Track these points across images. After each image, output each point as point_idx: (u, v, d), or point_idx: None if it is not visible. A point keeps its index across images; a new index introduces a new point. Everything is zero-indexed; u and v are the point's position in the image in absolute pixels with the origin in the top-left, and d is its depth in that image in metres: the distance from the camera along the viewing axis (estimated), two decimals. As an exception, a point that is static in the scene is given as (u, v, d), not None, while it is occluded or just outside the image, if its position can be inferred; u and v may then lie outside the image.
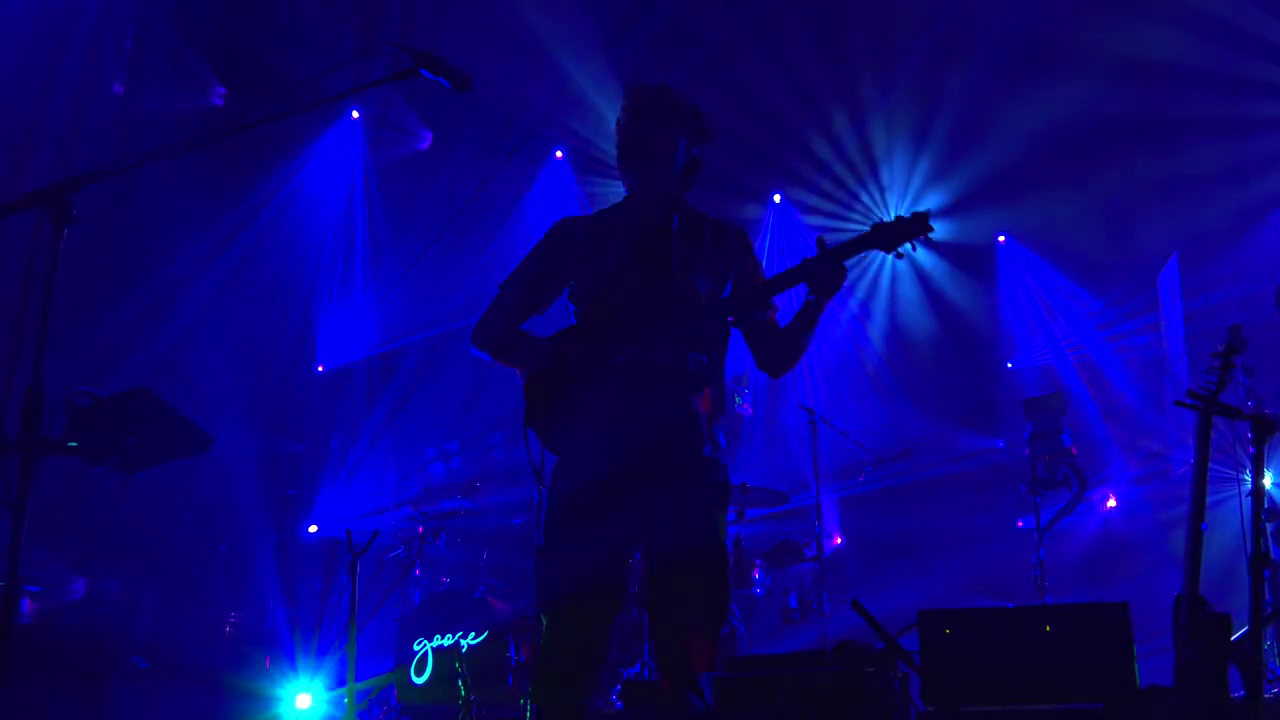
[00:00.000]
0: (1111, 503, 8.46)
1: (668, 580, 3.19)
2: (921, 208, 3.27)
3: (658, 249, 3.36)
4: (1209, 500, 4.31)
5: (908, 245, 3.23)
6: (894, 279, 10.56)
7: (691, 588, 3.15)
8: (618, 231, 3.43)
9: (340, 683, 6.61)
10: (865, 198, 10.13)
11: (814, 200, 10.26)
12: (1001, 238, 10.58)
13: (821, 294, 3.22)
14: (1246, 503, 5.87)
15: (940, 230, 10.10)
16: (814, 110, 9.56)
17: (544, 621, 3.22)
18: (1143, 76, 8.63)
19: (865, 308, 10.57)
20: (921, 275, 10.48)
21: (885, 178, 10.07)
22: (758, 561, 6.98)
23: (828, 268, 3.19)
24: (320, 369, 9.55)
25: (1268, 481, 6.03)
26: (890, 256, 3.36)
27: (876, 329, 10.56)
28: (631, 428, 3.17)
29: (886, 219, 3.27)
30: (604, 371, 3.21)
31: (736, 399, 7.69)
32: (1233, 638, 4.17)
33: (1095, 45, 8.62)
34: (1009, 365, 10.52)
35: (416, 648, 6.38)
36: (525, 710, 5.05)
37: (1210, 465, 4.36)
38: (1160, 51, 8.41)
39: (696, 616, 3.14)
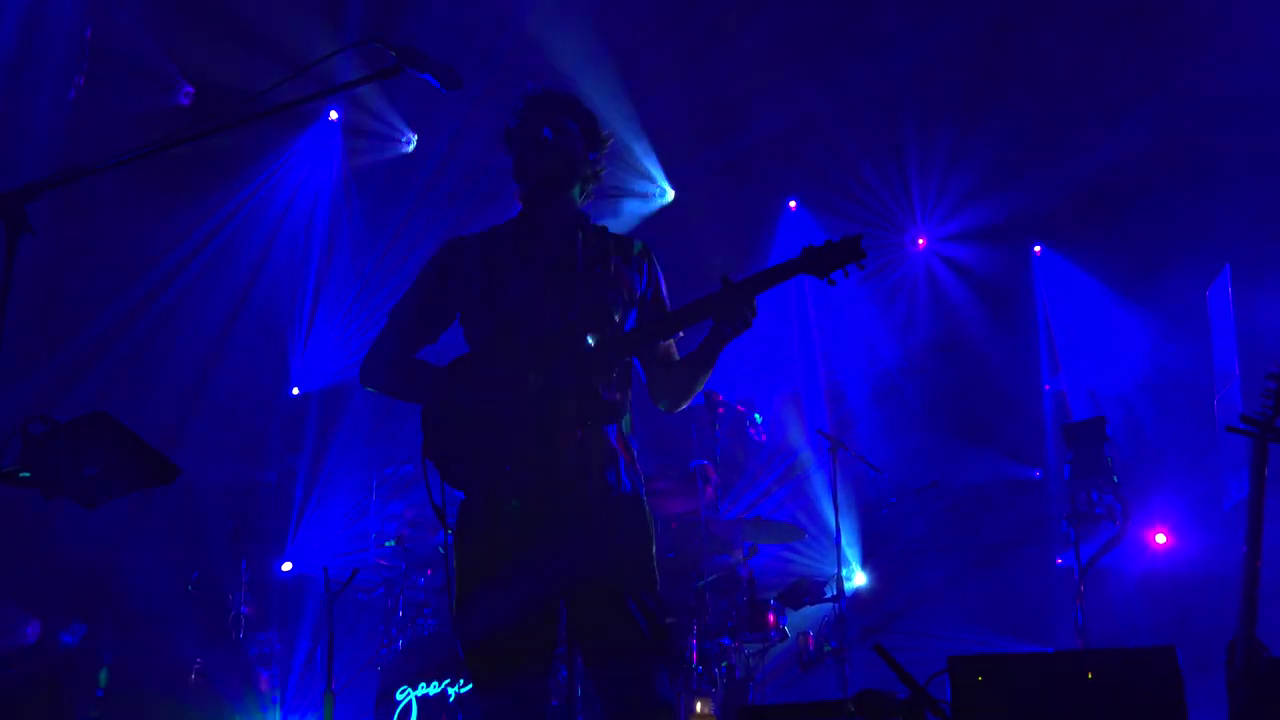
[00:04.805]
0: (1160, 538, 8.44)
1: (597, 630, 3.15)
2: (948, 213, 3.27)
3: (562, 269, 3.34)
4: (1265, 534, 4.31)
5: (840, 272, 3.26)
6: (922, 293, 10.54)
7: (628, 641, 3.11)
8: (516, 250, 3.41)
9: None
10: (889, 201, 10.07)
11: (832, 207, 10.23)
12: (1038, 248, 10.55)
13: (728, 328, 3.21)
14: (1307, 538, 5.87)
15: (973, 239, 10.09)
16: (833, 111, 9.57)
17: (474, 684, 3.19)
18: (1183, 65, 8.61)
19: (891, 326, 10.55)
20: (951, 290, 10.45)
21: (913, 182, 10.04)
22: (772, 602, 6.95)
23: (734, 303, 3.19)
24: (295, 391, 9.55)
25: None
26: (902, 269, 3.39)
27: (902, 349, 10.52)
28: (542, 463, 3.14)
29: (817, 243, 3.31)
30: (510, 403, 3.18)
31: (757, 417, 7.67)
32: (1292, 686, 4.16)
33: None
34: (1046, 387, 10.48)
35: (400, 697, 6.35)
36: None
37: (1266, 497, 4.36)
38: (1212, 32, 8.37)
39: (639, 668, 3.10)
